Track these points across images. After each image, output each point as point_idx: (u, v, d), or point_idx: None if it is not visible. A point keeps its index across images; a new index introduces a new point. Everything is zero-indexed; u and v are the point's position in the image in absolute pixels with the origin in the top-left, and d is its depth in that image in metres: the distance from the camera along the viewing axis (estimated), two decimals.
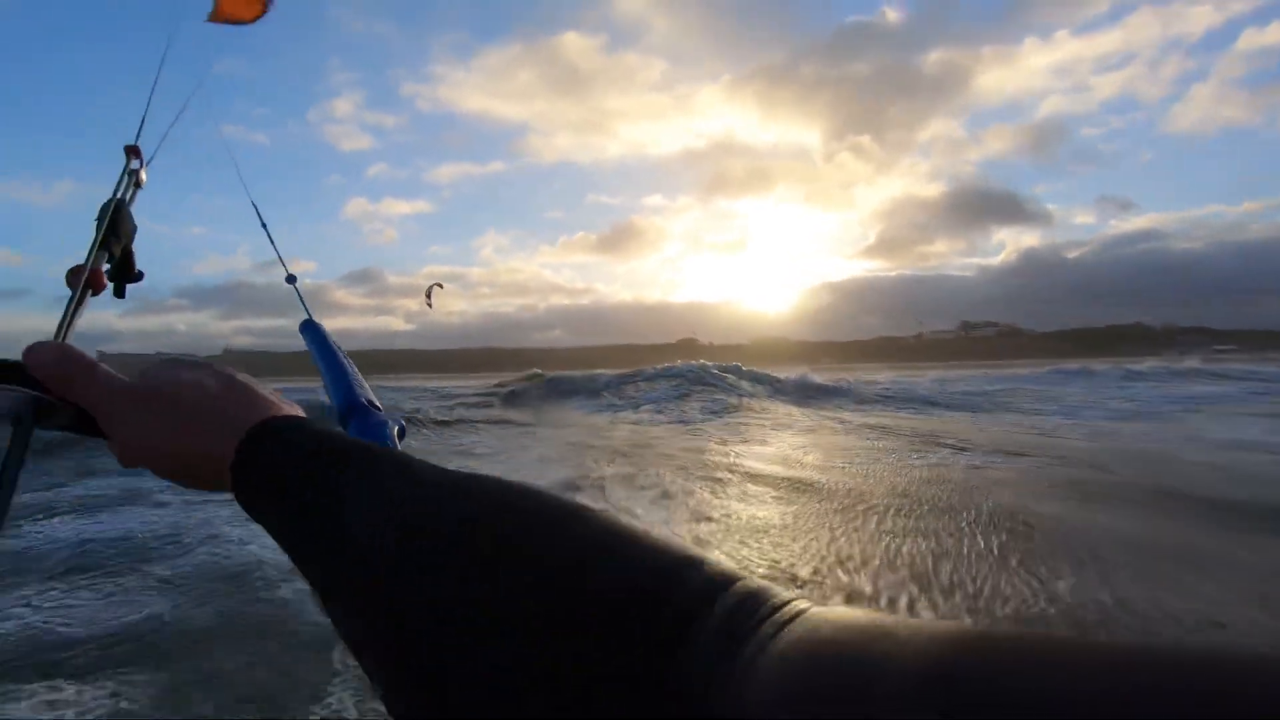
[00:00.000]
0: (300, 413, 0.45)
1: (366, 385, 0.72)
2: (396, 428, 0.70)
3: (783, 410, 14.91)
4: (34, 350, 0.44)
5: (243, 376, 0.46)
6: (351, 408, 0.71)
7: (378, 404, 0.71)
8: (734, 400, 16.15)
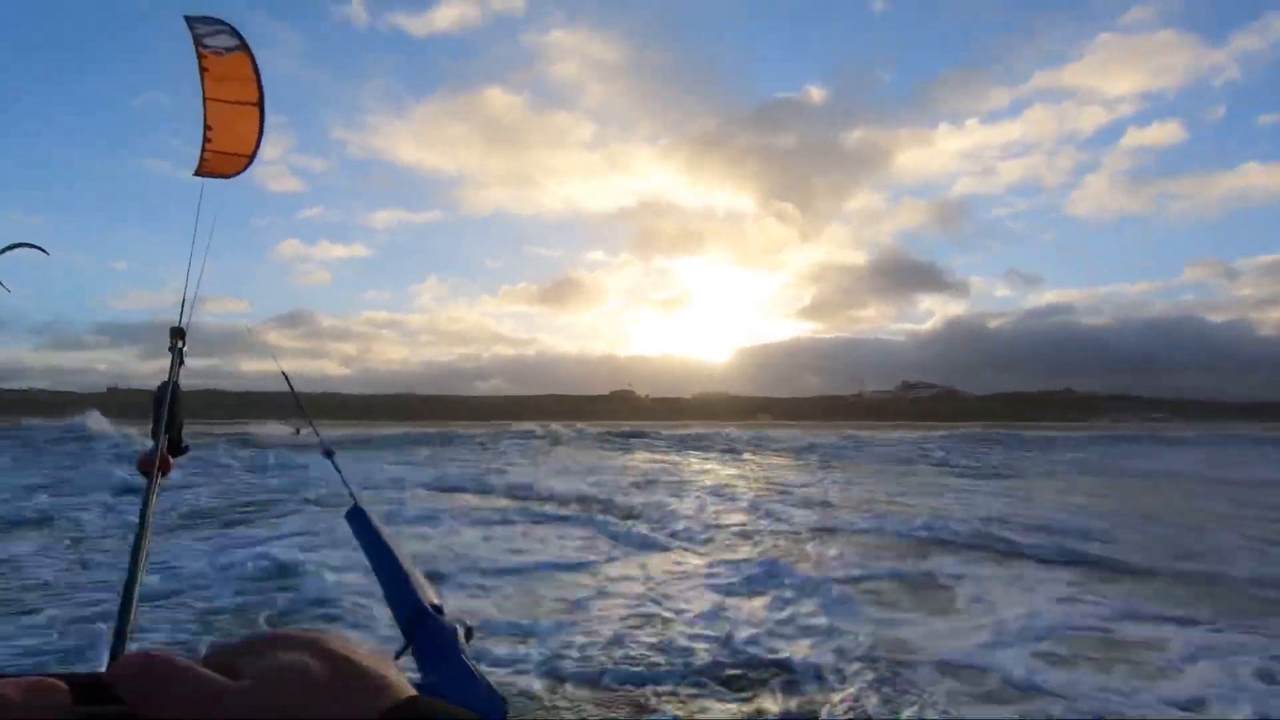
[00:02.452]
0: (393, 672, 0.37)
1: (425, 582, 0.69)
2: (462, 631, 0.64)
3: None
4: (120, 666, 0.35)
5: (342, 646, 0.36)
6: (417, 616, 0.63)
7: (440, 604, 0.66)
8: None
